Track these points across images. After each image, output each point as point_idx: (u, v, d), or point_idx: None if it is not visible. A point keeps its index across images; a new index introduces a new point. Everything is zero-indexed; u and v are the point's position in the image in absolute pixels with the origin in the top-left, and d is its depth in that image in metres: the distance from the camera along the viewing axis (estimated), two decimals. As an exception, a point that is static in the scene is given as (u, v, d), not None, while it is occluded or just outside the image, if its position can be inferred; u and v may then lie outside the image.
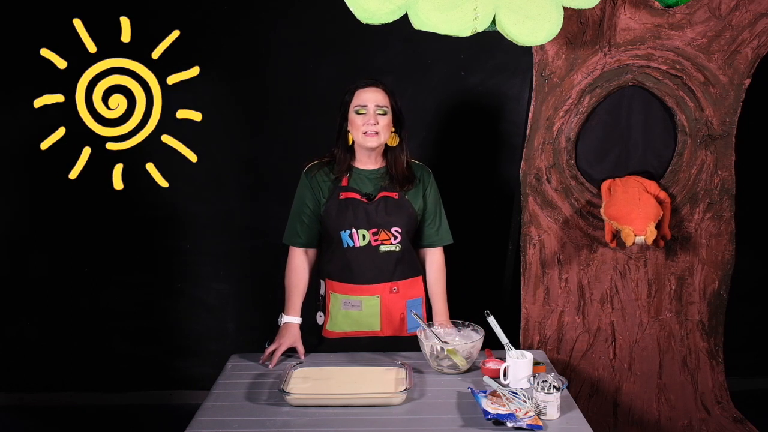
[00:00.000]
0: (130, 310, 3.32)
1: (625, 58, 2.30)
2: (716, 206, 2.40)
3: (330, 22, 3.06)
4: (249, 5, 3.09)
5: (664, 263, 2.43)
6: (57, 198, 3.21)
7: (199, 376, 3.33)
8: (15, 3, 3.06)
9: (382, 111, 2.10)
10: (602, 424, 2.48)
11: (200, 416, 1.74)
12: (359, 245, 2.13)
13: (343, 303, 2.17)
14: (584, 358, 2.47)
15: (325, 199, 2.16)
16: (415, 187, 2.19)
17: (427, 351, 2.00)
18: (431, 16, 1.87)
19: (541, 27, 1.94)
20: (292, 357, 2.11)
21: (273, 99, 3.17)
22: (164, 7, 3.07)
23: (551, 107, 2.34)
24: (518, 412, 1.68)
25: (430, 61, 3.12)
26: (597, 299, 2.44)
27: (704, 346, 2.47)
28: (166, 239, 3.27)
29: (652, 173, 2.40)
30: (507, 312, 2.60)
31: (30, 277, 3.30)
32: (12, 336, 3.34)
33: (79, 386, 3.37)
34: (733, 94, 2.33)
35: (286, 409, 1.76)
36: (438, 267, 2.25)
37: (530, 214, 2.40)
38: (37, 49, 3.07)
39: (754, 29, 2.28)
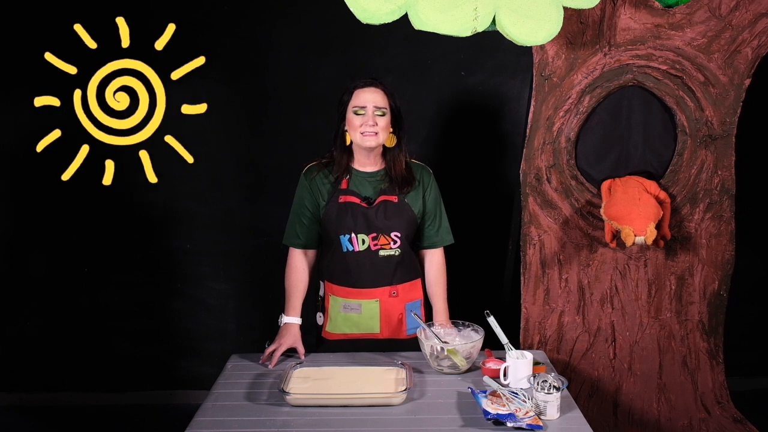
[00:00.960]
0: (130, 310, 3.32)
1: (625, 58, 2.30)
2: (716, 206, 2.40)
3: (330, 22, 3.06)
4: (249, 5, 3.09)
5: (664, 263, 2.43)
6: (57, 198, 3.21)
7: (199, 376, 3.33)
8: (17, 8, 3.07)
9: (380, 112, 2.09)
10: (602, 424, 2.48)
11: (200, 416, 1.74)
12: (359, 250, 2.13)
13: (342, 306, 2.17)
14: (584, 358, 2.47)
15: (324, 201, 2.16)
16: (415, 188, 2.18)
17: (427, 351, 2.00)
18: (431, 16, 1.87)
19: (541, 27, 1.94)
20: (292, 357, 2.11)
21: (273, 99, 3.17)
22: (164, 7, 3.07)
23: (551, 107, 2.34)
24: (518, 412, 1.68)
25: (430, 61, 3.12)
26: (597, 299, 2.44)
27: (704, 346, 2.47)
28: (167, 239, 3.27)
29: (652, 173, 2.40)
30: (507, 312, 2.60)
31: (30, 277, 3.30)
32: (12, 336, 3.34)
33: (79, 386, 3.37)
34: (733, 94, 2.33)
35: (286, 409, 1.76)
36: (438, 267, 2.25)
37: (530, 214, 2.40)
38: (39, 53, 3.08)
39: (754, 29, 2.28)
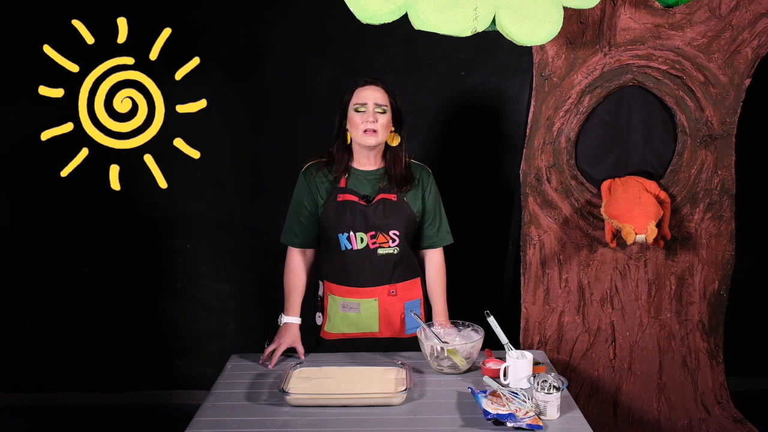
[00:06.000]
0: (130, 310, 3.32)
1: (625, 58, 2.30)
2: (716, 206, 2.40)
3: (330, 22, 3.06)
4: (249, 5, 3.09)
5: (664, 263, 2.43)
6: (57, 198, 3.21)
7: (199, 376, 3.33)
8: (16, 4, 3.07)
9: (381, 110, 2.09)
10: (602, 424, 2.48)
11: (200, 416, 1.74)
12: (357, 248, 2.13)
13: (341, 305, 2.17)
14: (584, 358, 2.47)
15: (323, 200, 2.16)
16: (414, 188, 2.18)
17: (427, 351, 2.00)
18: (431, 16, 1.87)
19: (541, 27, 1.94)
20: (292, 357, 2.11)
21: (273, 99, 3.17)
22: (164, 6, 3.07)
23: (551, 107, 2.34)
24: (518, 412, 1.68)
25: (430, 61, 3.12)
26: (597, 299, 2.44)
27: (704, 346, 2.47)
28: (167, 239, 3.27)
29: (652, 173, 2.40)
30: (507, 312, 2.60)
31: (30, 277, 3.30)
32: (12, 336, 3.34)
33: (79, 386, 3.37)
34: (733, 94, 2.33)
35: (286, 409, 1.76)
36: (438, 267, 2.25)
37: (530, 214, 2.40)
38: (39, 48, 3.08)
39: (754, 29, 2.28)
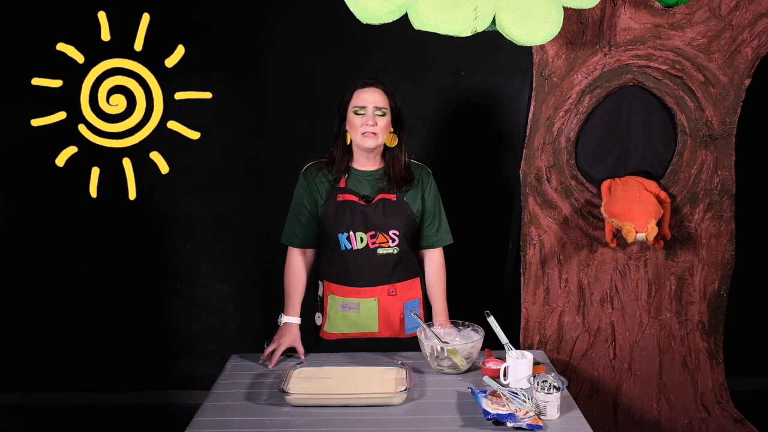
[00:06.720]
0: (130, 310, 3.32)
1: (625, 58, 2.30)
2: (716, 206, 2.40)
3: (330, 22, 3.05)
4: (249, 5, 3.09)
5: (664, 263, 2.43)
6: (57, 198, 3.21)
7: (199, 376, 3.33)
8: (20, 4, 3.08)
9: (381, 112, 2.09)
10: (602, 424, 2.48)
11: (200, 416, 1.74)
12: (357, 248, 2.13)
13: (340, 305, 2.17)
14: (584, 358, 2.47)
15: (322, 200, 2.16)
16: (414, 188, 2.18)
17: (427, 351, 2.00)
18: (431, 16, 1.87)
19: (541, 27, 1.94)
20: (292, 357, 2.11)
21: (273, 99, 3.17)
22: (164, 6, 3.07)
23: (551, 107, 2.34)
24: (518, 412, 1.68)
25: (430, 61, 3.12)
26: (597, 299, 2.44)
27: (704, 346, 2.47)
28: (167, 239, 3.27)
29: (652, 173, 2.40)
30: (507, 312, 2.60)
31: (30, 277, 3.30)
32: (12, 336, 3.34)
33: (79, 386, 3.37)
34: (733, 94, 2.33)
35: (286, 409, 1.76)
36: (438, 267, 2.25)
37: (530, 214, 2.40)
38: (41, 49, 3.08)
39: (754, 29, 2.28)
